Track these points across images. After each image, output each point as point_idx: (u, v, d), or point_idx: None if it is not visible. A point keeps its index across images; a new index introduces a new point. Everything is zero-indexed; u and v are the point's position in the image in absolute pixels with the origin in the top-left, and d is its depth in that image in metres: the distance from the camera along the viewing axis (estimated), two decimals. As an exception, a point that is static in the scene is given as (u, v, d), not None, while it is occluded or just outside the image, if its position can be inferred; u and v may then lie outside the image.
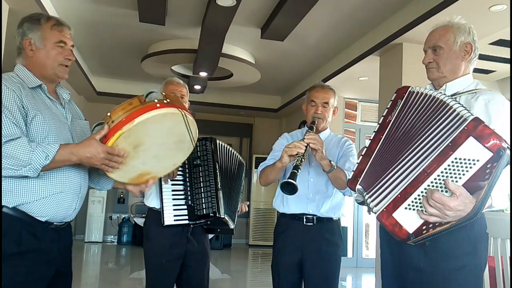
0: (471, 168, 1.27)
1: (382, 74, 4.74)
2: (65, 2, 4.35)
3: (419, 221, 1.35)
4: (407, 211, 1.35)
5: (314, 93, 2.37)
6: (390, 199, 1.40)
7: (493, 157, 1.24)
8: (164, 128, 1.63)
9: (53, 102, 1.66)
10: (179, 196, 2.39)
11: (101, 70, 6.91)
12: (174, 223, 2.33)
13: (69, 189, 1.61)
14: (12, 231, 1.47)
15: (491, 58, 5.14)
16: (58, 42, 1.64)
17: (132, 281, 5.48)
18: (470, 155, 1.27)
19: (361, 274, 6.41)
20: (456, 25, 1.66)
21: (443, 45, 1.65)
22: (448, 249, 1.50)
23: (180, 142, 1.72)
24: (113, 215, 8.24)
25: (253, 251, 7.86)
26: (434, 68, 1.68)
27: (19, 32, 1.65)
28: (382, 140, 1.55)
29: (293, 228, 2.27)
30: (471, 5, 3.47)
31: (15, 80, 1.56)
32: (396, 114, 1.56)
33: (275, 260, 2.33)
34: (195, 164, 2.41)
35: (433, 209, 1.30)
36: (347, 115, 6.87)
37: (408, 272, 1.60)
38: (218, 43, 4.91)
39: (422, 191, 1.34)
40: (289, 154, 2.04)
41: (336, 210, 2.32)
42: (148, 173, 1.76)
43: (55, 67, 1.64)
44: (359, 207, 6.82)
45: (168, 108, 1.57)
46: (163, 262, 2.32)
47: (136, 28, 4.92)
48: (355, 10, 4.23)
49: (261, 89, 7.42)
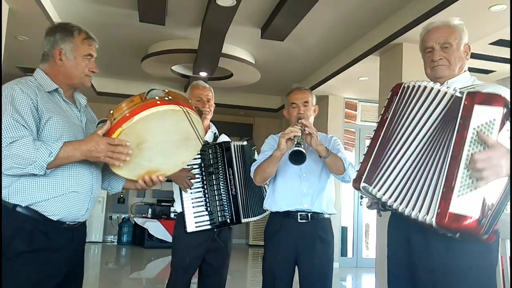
0: (493, 129, 1.31)
1: (382, 74, 4.74)
2: (65, 2, 4.35)
3: (478, 201, 1.29)
4: (461, 198, 1.31)
5: (293, 95, 2.42)
6: (436, 198, 1.35)
7: (505, 112, 1.30)
8: (166, 125, 1.62)
9: (69, 105, 1.72)
10: (199, 203, 2.45)
11: (101, 70, 6.87)
12: (196, 230, 2.41)
13: (81, 189, 1.64)
14: (24, 230, 1.52)
15: (491, 58, 5.15)
16: (86, 55, 1.71)
17: (132, 281, 5.48)
18: (485, 118, 1.32)
19: (361, 274, 6.41)
20: (460, 26, 1.68)
21: (453, 43, 1.65)
22: (462, 248, 1.49)
23: (186, 140, 1.71)
24: (113, 215, 8.24)
25: (253, 251, 7.87)
26: (444, 65, 1.65)
27: (49, 40, 1.69)
28: (381, 137, 1.57)
29: (286, 227, 2.27)
30: (471, 5, 3.47)
31: (31, 84, 1.61)
32: (392, 110, 1.57)
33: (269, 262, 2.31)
34: (209, 172, 2.46)
35: (483, 168, 1.27)
36: (347, 115, 6.87)
37: (420, 272, 1.58)
38: (218, 43, 4.91)
39: (463, 171, 1.32)
40: (286, 138, 2.08)
41: (330, 205, 2.35)
42: (156, 170, 1.74)
43: (81, 77, 1.72)
44: (359, 207, 6.82)
45: (168, 105, 1.57)
46: (187, 261, 2.41)
47: (136, 28, 4.93)
48: (355, 10, 4.23)
49: (261, 89, 7.42)
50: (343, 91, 6.37)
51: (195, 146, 1.77)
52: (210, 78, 6.33)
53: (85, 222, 1.76)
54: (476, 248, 1.49)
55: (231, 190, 2.44)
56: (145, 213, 8.04)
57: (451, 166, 1.34)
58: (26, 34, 4.63)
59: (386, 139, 1.56)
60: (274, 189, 2.36)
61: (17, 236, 1.51)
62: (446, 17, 1.71)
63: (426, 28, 1.75)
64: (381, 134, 1.57)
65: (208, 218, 2.44)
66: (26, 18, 4.13)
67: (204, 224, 2.43)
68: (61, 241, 1.60)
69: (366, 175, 1.56)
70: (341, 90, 6.31)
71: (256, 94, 7.88)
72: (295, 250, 2.25)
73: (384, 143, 1.56)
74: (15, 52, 5.23)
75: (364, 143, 6.85)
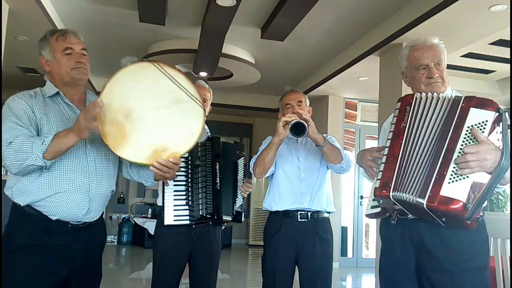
0: (484, 129, 1.48)
1: (382, 74, 4.73)
2: (65, 3, 4.35)
3: (466, 188, 1.44)
4: (451, 185, 1.46)
5: (286, 97, 2.46)
6: (430, 186, 1.48)
7: (497, 116, 1.48)
8: (144, 86, 1.58)
9: (71, 108, 1.75)
10: (180, 197, 2.38)
11: (101, 70, 6.90)
12: (173, 223, 2.33)
13: (72, 188, 1.65)
14: (27, 226, 1.62)
15: (491, 58, 5.15)
16: (64, 50, 1.72)
17: (132, 281, 5.48)
18: (478, 119, 1.50)
19: (361, 274, 6.41)
20: (442, 46, 1.84)
21: (443, 62, 1.81)
22: (469, 250, 1.62)
23: (179, 103, 1.60)
24: (113, 215, 8.23)
25: (253, 251, 7.87)
26: (439, 82, 1.79)
27: (38, 53, 1.78)
28: (403, 145, 1.63)
29: (286, 227, 2.28)
30: (471, 5, 3.47)
31: (31, 92, 1.71)
32: (409, 119, 1.66)
33: (269, 262, 2.30)
34: (196, 164, 2.41)
35: (472, 160, 1.43)
36: (347, 115, 6.87)
37: (434, 274, 1.64)
38: (218, 43, 4.91)
39: (455, 161, 1.47)
40: (283, 122, 2.12)
41: (329, 203, 2.36)
42: (164, 148, 1.62)
43: (69, 72, 1.73)
44: (359, 207, 6.82)
45: (137, 63, 1.57)
46: (167, 260, 2.35)
47: (136, 28, 4.92)
48: (355, 10, 4.23)
49: (261, 89, 7.42)
50: (343, 91, 6.36)
51: (194, 110, 1.61)
52: (210, 78, 6.33)
53: (100, 223, 1.80)
54: (481, 251, 1.65)
55: (215, 184, 2.37)
56: (145, 213, 8.04)
57: (445, 157, 1.50)
58: (26, 34, 4.64)
59: (409, 147, 1.62)
60: (273, 189, 2.36)
61: (19, 231, 1.62)
62: (428, 33, 1.88)
63: (412, 46, 1.87)
64: (402, 142, 1.63)
65: (187, 213, 2.36)
66: (26, 18, 4.13)
67: (183, 218, 2.35)
68: (64, 240, 1.65)
69: (394, 183, 1.58)
70: (341, 90, 6.31)
71: (256, 94, 7.87)
72: (295, 249, 2.26)
73: (406, 150, 1.62)
74: (15, 52, 5.23)
75: (364, 143, 6.84)
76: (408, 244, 1.71)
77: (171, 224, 2.33)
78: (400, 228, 1.74)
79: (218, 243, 2.51)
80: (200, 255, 2.40)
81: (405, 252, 1.72)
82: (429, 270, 1.65)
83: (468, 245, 1.61)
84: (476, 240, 1.63)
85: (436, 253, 1.63)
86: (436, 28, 3.86)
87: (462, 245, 1.61)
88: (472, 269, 1.61)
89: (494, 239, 2.33)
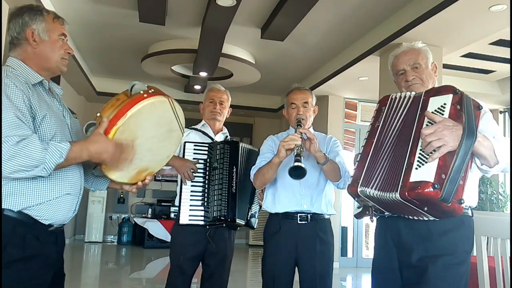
0: (444, 111, 1.54)
1: (382, 74, 4.73)
2: (65, 2, 4.35)
3: (433, 169, 1.43)
4: (418, 170, 1.46)
5: (292, 95, 2.42)
6: (401, 176, 1.50)
7: (454, 97, 1.53)
8: (154, 118, 1.62)
9: (51, 98, 1.61)
10: (196, 197, 2.46)
11: (101, 70, 6.91)
12: (188, 223, 2.41)
13: (73, 191, 1.58)
14: (16, 235, 1.43)
15: (491, 58, 5.15)
16: (60, 35, 1.61)
17: (132, 281, 5.48)
18: (437, 104, 1.56)
19: (361, 274, 6.41)
20: (424, 48, 1.89)
21: (422, 63, 1.85)
22: (446, 244, 1.62)
23: (170, 131, 1.71)
24: (113, 215, 8.24)
25: (253, 251, 7.87)
26: (418, 83, 1.83)
27: (17, 22, 1.55)
28: (374, 143, 1.69)
29: (286, 228, 2.27)
30: (471, 5, 3.47)
31: (21, 79, 1.48)
32: (382, 119, 1.72)
33: (269, 263, 2.29)
34: (214, 167, 2.48)
35: (432, 140, 1.44)
36: (347, 115, 6.87)
37: (405, 269, 1.67)
38: (218, 43, 4.91)
39: (420, 148, 1.50)
40: (286, 148, 2.06)
41: (329, 206, 2.35)
42: (145, 169, 1.73)
43: (58, 60, 1.60)
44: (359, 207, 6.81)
45: (155, 97, 1.58)
46: (181, 259, 2.42)
47: (136, 28, 4.92)
48: (355, 10, 4.23)
49: (261, 89, 7.42)
50: (343, 91, 6.37)
51: (177, 137, 1.76)
52: (210, 78, 6.33)
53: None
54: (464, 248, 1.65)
55: (231, 187, 2.44)
56: (145, 213, 8.04)
57: (412, 147, 1.53)
58: (26, 34, 4.65)
59: (379, 145, 1.67)
60: (274, 191, 2.35)
61: (10, 243, 1.41)
62: (409, 42, 1.93)
63: (393, 55, 1.94)
64: (373, 141, 1.70)
65: (202, 213, 2.43)
66: (26, 18, 4.13)
67: (198, 219, 2.42)
68: (49, 246, 1.53)
69: (362, 179, 1.63)
70: (341, 90, 6.31)
71: (256, 94, 7.88)
72: (295, 251, 2.25)
73: (377, 149, 1.67)
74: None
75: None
76: (389, 242, 1.74)
77: (186, 223, 2.40)
78: (383, 227, 1.80)
79: (231, 245, 2.58)
80: (213, 256, 2.47)
81: (387, 251, 1.75)
82: (404, 266, 1.68)
83: (446, 240, 1.61)
84: (457, 236, 1.63)
85: (411, 248, 1.65)
86: (436, 28, 3.86)
87: (439, 240, 1.61)
88: (450, 264, 1.59)
89: (494, 239, 2.33)
